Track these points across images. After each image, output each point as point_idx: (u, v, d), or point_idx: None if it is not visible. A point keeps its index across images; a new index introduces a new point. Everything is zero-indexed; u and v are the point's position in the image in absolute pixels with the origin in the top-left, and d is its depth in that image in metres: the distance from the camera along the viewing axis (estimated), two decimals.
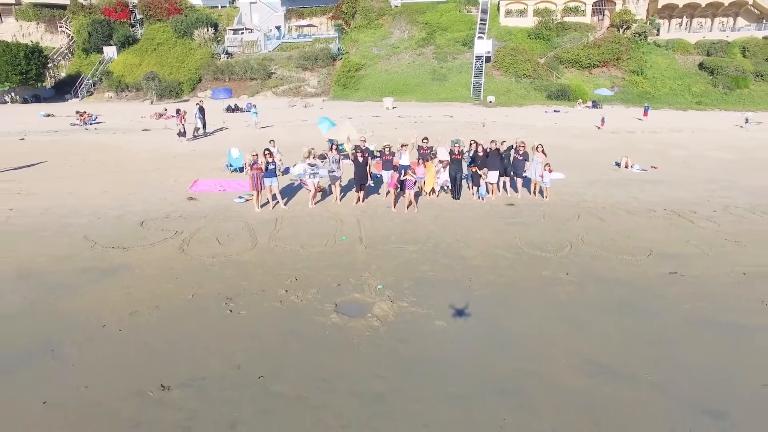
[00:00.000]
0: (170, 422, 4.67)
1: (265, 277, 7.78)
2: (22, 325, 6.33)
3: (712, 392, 5.11)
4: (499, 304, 7.02)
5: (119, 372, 5.43)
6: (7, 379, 5.27)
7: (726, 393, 5.10)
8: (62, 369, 5.45)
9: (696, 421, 4.67)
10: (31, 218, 10.53)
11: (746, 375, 5.41)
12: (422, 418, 4.72)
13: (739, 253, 8.85)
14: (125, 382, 5.25)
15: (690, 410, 4.84)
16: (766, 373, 5.44)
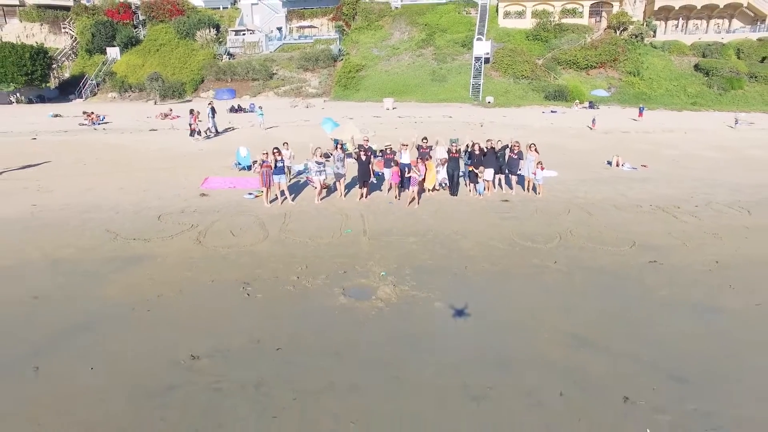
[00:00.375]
0: (202, 384, 5.37)
1: (278, 265, 8.48)
2: (62, 307, 7.03)
3: (678, 362, 5.82)
4: (492, 288, 7.73)
5: (152, 345, 6.12)
6: (58, 349, 5.96)
7: (690, 363, 5.80)
8: (103, 342, 6.15)
9: (660, 384, 5.38)
10: (53, 213, 11.23)
11: (709, 348, 6.12)
12: (422, 382, 5.42)
13: (715, 245, 9.56)
14: (159, 353, 5.94)
15: (656, 375, 5.54)
16: (727, 346, 6.14)
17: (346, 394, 5.22)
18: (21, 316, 6.73)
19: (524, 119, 29.36)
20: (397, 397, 5.19)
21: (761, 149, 20.15)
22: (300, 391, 5.25)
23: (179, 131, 24.28)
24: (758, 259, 8.81)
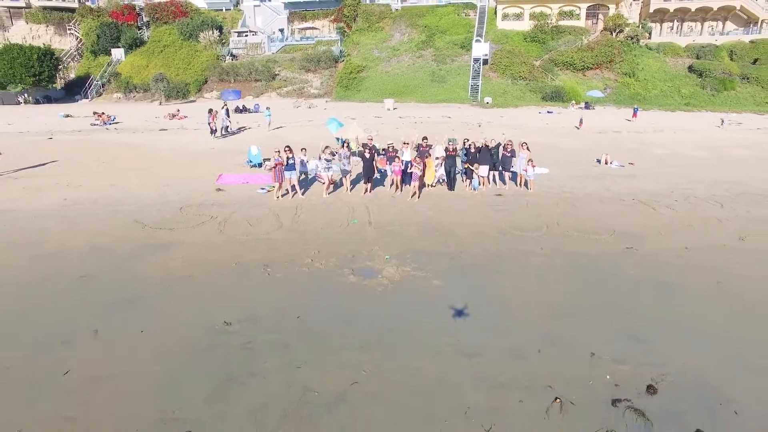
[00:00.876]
0: (236, 344, 6.40)
1: (293, 250, 9.51)
2: (107, 284, 8.06)
3: (640, 326, 6.85)
4: (484, 269, 8.77)
5: (190, 315, 7.15)
6: (111, 317, 7.00)
7: (650, 327, 6.84)
8: (147, 312, 7.19)
9: (621, 342, 6.42)
10: (84, 206, 12.27)
11: (668, 316, 7.15)
12: (421, 343, 6.45)
13: (687, 234, 10.61)
14: (197, 320, 6.98)
15: (619, 336, 6.58)
16: (683, 314, 7.17)
17: (357, 351, 6.25)
18: (74, 291, 7.76)
19: (521, 119, 30.41)
20: (400, 353, 6.22)
21: (744, 149, 21.21)
22: (319, 349, 6.29)
23: (188, 131, 25.32)
24: (723, 246, 9.85)
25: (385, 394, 5.41)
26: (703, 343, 6.44)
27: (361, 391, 5.46)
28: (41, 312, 7.10)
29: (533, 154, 14.50)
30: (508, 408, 5.21)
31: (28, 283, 8.01)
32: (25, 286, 7.91)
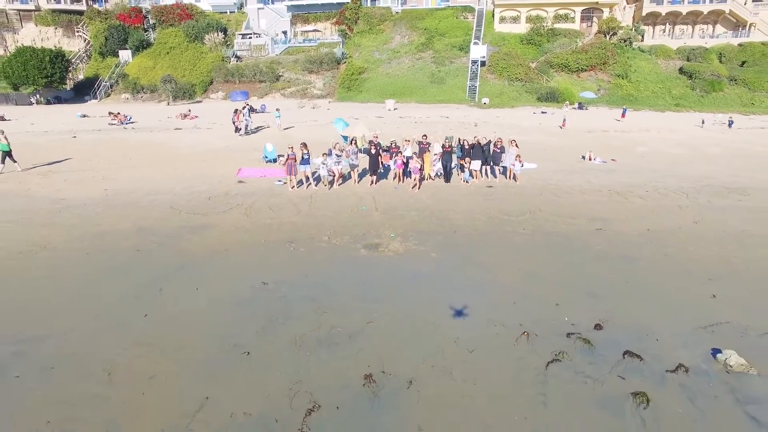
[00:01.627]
0: (273, 298, 8.07)
1: (312, 231, 11.20)
2: (159, 256, 9.74)
3: (597, 286, 8.53)
4: (473, 245, 10.45)
5: (232, 278, 8.82)
6: (169, 279, 8.68)
7: (605, 286, 8.52)
8: (197, 276, 8.86)
9: (581, 298, 8.10)
10: (124, 196, 13.95)
11: (621, 278, 8.83)
12: (420, 299, 8.14)
13: (651, 218, 12.30)
14: (238, 282, 8.65)
15: (579, 293, 8.26)
16: (632, 278, 8.86)
17: (370, 302, 7.92)
18: (134, 261, 9.44)
19: (515, 119, 32.12)
20: (403, 306, 7.89)
21: (719, 147, 22.93)
22: (340, 301, 7.97)
23: (201, 130, 27.01)
24: (678, 227, 11.55)
25: (393, 330, 7.09)
26: (644, 297, 8.13)
27: (374, 327, 7.14)
28: (113, 276, 8.79)
29: (524, 151, 16.21)
30: (487, 338, 6.89)
31: (96, 255, 9.70)
32: (95, 257, 9.60)
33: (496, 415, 5.36)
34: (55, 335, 6.82)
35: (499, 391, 5.74)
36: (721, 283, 8.61)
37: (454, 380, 5.94)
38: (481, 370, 6.12)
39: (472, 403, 5.55)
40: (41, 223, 11.56)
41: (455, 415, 5.35)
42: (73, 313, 7.45)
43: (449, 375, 6.03)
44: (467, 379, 5.95)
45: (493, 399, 5.61)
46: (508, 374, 6.07)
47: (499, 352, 6.58)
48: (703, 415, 5.38)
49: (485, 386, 5.84)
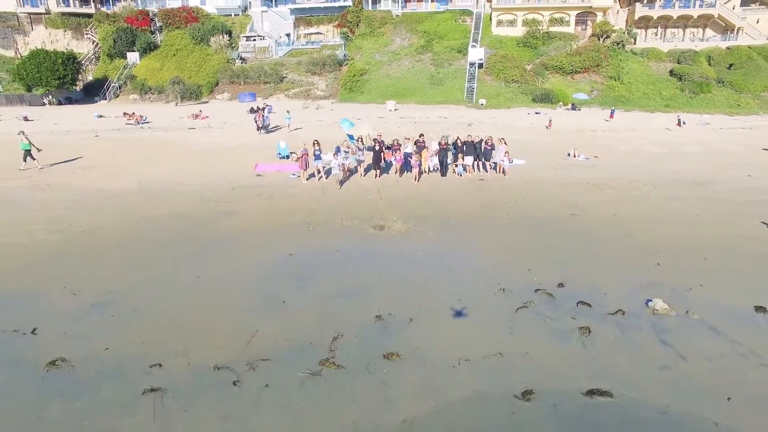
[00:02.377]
0: (299, 264, 9.95)
1: (326, 215, 13.09)
2: (199, 234, 11.62)
3: (565, 258, 10.40)
4: (464, 226, 12.34)
5: (262, 250, 10.69)
6: (210, 250, 10.56)
7: (571, 258, 10.39)
8: (233, 248, 10.75)
9: (550, 266, 9.97)
10: (156, 187, 15.84)
11: (586, 252, 10.71)
12: (419, 264, 10.02)
13: (619, 206, 14.19)
14: (269, 253, 10.52)
15: (550, 262, 10.14)
16: (596, 251, 10.74)
17: (377, 268, 9.79)
18: (177, 239, 11.31)
19: (510, 119, 34.02)
20: (404, 270, 9.76)
21: (696, 145, 24.83)
22: (353, 266, 9.85)
23: (214, 129, 28.90)
24: (642, 213, 13.45)
25: (397, 286, 8.97)
26: (601, 265, 10.02)
27: (382, 284, 9.02)
28: (164, 248, 10.68)
29: (515, 149, 18.11)
30: (471, 292, 8.77)
31: (147, 233, 11.59)
32: (146, 234, 11.49)
33: (475, 339, 7.24)
34: (129, 291, 8.71)
35: (478, 325, 7.63)
36: (666, 255, 10.49)
37: (444, 319, 7.83)
38: (465, 313, 8.02)
39: (457, 332, 7.44)
40: (92, 210, 13.46)
41: (444, 339, 7.23)
42: (140, 275, 9.34)
43: (440, 315, 7.93)
44: (452, 316, 7.85)
45: (473, 330, 7.50)
46: (486, 315, 7.96)
47: (480, 301, 8.47)
48: (629, 340, 7.27)
49: (468, 322, 7.73)
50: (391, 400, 5.88)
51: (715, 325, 7.66)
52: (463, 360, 6.66)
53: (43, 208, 13.60)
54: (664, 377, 6.37)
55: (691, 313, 7.99)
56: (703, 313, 7.99)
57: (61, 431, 5.34)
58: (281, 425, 5.47)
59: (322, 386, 6.12)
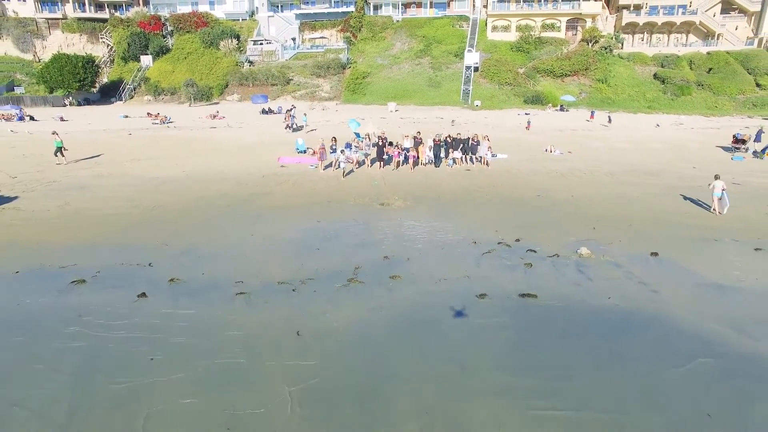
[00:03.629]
0: (325, 229, 13.41)
1: (341, 196, 16.57)
2: (243, 209, 15.09)
3: (526, 223, 13.86)
4: (451, 204, 15.81)
5: (296, 220, 14.16)
6: (253, 222, 14.04)
7: (530, 223, 13.85)
8: (273, 219, 14.22)
9: (515, 228, 13.44)
10: (199, 175, 19.31)
11: (542, 219, 14.18)
12: (416, 232, 13.50)
13: (578, 190, 17.66)
14: (301, 221, 13.99)
15: (511, 225, 13.60)
16: (550, 219, 14.21)
17: (383, 229, 13.27)
18: (229, 212, 14.79)
19: (501, 120, 37.52)
20: (403, 230, 13.22)
21: (662, 143, 28.31)
22: (365, 229, 13.32)
23: (233, 128, 32.38)
24: (592, 195, 16.92)
25: (397, 240, 12.41)
26: (551, 228, 13.48)
27: (387, 239, 12.48)
28: (220, 218, 14.15)
29: (501, 145, 21.58)
30: (451, 244, 12.23)
31: (202, 208, 15.07)
32: (203, 208, 14.97)
33: (451, 269, 10.69)
34: (205, 244, 12.18)
35: (454, 262, 11.10)
36: (602, 223, 13.96)
37: (430, 259, 11.30)
38: (445, 255, 11.50)
39: (439, 265, 10.90)
40: (152, 192, 16.93)
41: (430, 269, 10.68)
42: (209, 234, 12.82)
43: (429, 256, 11.41)
44: (437, 257, 11.34)
45: (451, 264, 10.96)
46: (460, 256, 11.43)
47: (457, 249, 11.94)
48: (557, 271, 10.72)
49: (447, 260, 11.21)
50: (394, 298, 9.35)
51: (619, 263, 11.14)
52: (442, 279, 10.14)
53: (113, 191, 17.08)
54: (574, 289, 9.85)
55: (604, 257, 11.48)
56: (613, 257, 11.47)
57: (189, 317, 8.78)
58: (326, 310, 8.91)
59: (350, 292, 9.59)
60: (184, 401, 6.19)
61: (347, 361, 7.17)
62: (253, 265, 10.76)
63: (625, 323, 8.37)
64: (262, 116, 41.02)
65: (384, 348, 7.52)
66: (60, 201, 15.78)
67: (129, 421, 5.83)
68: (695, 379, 6.73)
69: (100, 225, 13.48)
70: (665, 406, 6.16)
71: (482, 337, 7.84)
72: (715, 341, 7.71)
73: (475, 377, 6.75)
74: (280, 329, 8.01)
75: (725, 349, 7.48)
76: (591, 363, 7.12)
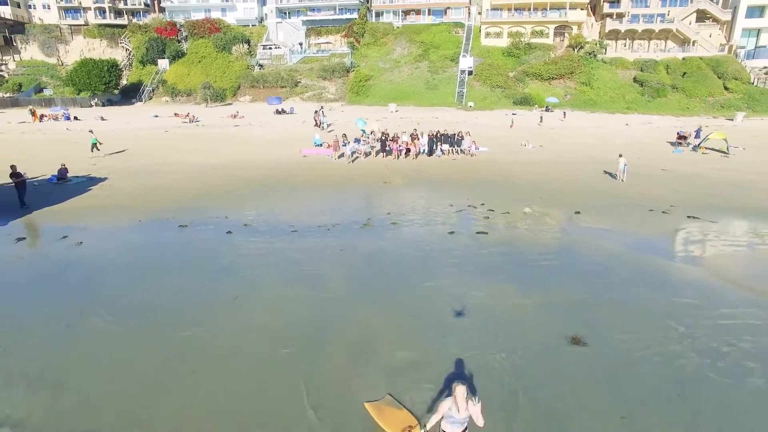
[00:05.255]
0: (344, 197, 18.59)
1: (354, 178, 21.73)
2: (280, 185, 20.24)
3: (490, 194, 19.00)
4: (440, 183, 20.97)
5: (322, 191, 19.31)
6: (294, 192, 19.21)
7: (494, 194, 18.99)
8: (305, 192, 19.39)
9: (480, 197, 18.59)
10: (238, 163, 24.46)
11: (505, 194, 19.32)
12: (413, 199, 18.67)
13: (539, 173, 22.81)
14: (325, 193, 19.14)
15: (480, 196, 18.75)
16: (511, 192, 19.36)
17: (386, 198, 18.42)
18: (271, 187, 19.95)
19: (489, 119, 42.67)
20: (401, 198, 18.36)
21: (624, 139, 33.43)
22: (371, 199, 18.49)
23: (254, 126, 37.57)
24: (549, 177, 22.06)
25: (397, 204, 17.55)
26: (513, 198, 18.62)
27: (389, 203, 17.64)
28: (265, 191, 19.32)
29: (484, 141, 26.68)
30: (435, 207, 17.36)
31: (250, 185, 20.23)
32: (251, 185, 20.12)
33: (434, 220, 15.83)
34: (263, 209, 17.32)
35: (436, 216, 16.24)
36: (549, 194, 19.07)
37: (419, 215, 16.45)
38: (429, 213, 16.64)
39: (425, 217, 16.04)
40: (205, 174, 22.07)
41: (419, 219, 15.82)
42: (262, 202, 17.97)
43: (417, 213, 16.57)
44: (423, 213, 16.51)
45: (433, 217, 16.10)
46: (439, 213, 16.57)
47: (438, 209, 17.08)
48: (507, 221, 15.86)
49: (429, 215, 16.35)
50: (394, 235, 14.48)
51: (551, 217, 16.29)
52: (425, 225, 15.29)
53: (173, 174, 22.21)
54: (514, 230, 14.99)
55: (540, 213, 16.62)
56: (547, 214, 16.61)
57: (263, 243, 13.90)
58: (352, 239, 14.01)
59: (365, 231, 14.74)
60: (267, 287, 11.37)
61: (369, 263, 12.35)
62: (297, 217, 15.93)
63: (545, 248, 13.55)
64: (276, 116, 46.15)
65: (389, 256, 12.70)
66: (137, 181, 20.97)
67: (228, 296, 11.03)
68: (587, 272, 11.91)
69: (178, 195, 18.66)
70: (562, 286, 11.34)
71: (450, 253, 13.00)
72: (604, 257, 12.89)
73: (442, 271, 11.92)
74: (324, 249, 13.17)
75: (615, 261, 12.66)
76: (519, 266, 12.29)
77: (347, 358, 7.97)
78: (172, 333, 8.70)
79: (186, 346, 8.28)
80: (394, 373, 7.56)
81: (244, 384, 7.30)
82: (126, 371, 7.60)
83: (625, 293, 10.38)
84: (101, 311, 9.51)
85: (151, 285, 10.76)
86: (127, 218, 15.80)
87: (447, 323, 9.11)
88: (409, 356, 8.01)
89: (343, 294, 10.34)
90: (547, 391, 7.15)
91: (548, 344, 8.37)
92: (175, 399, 6.98)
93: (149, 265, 11.89)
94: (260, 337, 8.58)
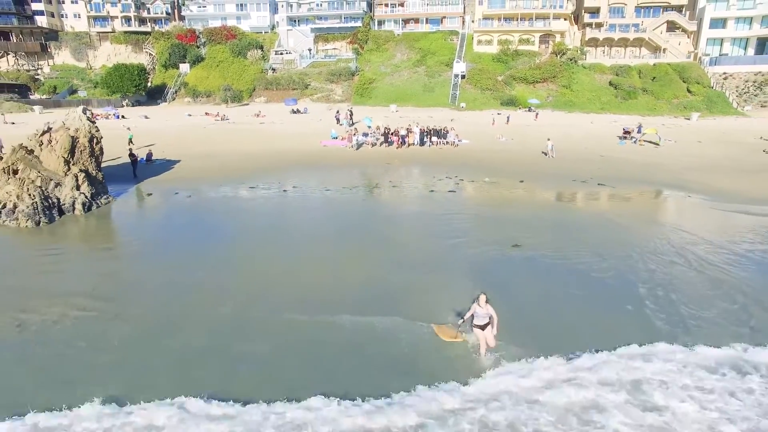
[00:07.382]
0: (358, 172, 26.37)
1: (363, 161, 29.54)
2: (313, 166, 28.04)
3: (469, 172, 26.75)
4: (430, 165, 28.75)
5: (343, 169, 27.08)
6: (310, 171, 26.98)
7: (472, 171, 26.72)
8: (330, 169, 27.16)
9: (461, 174, 26.34)
10: (272, 150, 32.23)
11: (481, 171, 27.06)
12: (409, 177, 26.43)
13: (505, 159, 30.55)
14: (346, 170, 26.91)
15: (461, 173, 26.50)
16: (489, 172, 27.11)
17: (388, 176, 26.17)
18: (307, 167, 27.74)
19: (476, 118, 50.51)
20: (399, 173, 26.10)
21: (585, 134, 41.14)
22: (378, 176, 26.26)
23: (276, 123, 45.42)
24: (512, 161, 29.81)
25: (396, 177, 25.29)
26: (479, 173, 26.37)
27: (391, 175, 25.42)
28: (303, 169, 27.07)
29: (467, 134, 34.44)
30: (423, 179, 25.13)
31: (290, 165, 27.99)
32: (289, 168, 27.91)
33: (421, 185, 23.59)
34: (303, 181, 25.09)
35: (425, 184, 24.03)
36: (507, 171, 26.80)
37: (412, 183, 24.26)
38: (418, 181, 24.41)
39: (414, 183, 23.80)
40: (252, 158, 29.81)
41: (410, 184, 23.57)
42: (302, 177, 25.74)
43: (410, 180, 24.40)
44: (415, 181, 24.29)
45: (419, 183, 23.85)
46: (425, 181, 24.34)
47: (425, 179, 24.85)
48: (470, 186, 23.61)
49: (418, 182, 24.12)
50: (394, 192, 22.25)
51: (501, 184, 24.03)
52: (414, 188, 23.07)
53: (227, 158, 29.94)
54: (476, 191, 22.75)
55: (496, 181, 24.34)
56: (500, 182, 24.34)
57: (310, 195, 21.62)
58: (367, 194, 21.72)
59: (375, 191, 22.56)
60: (320, 215, 19.21)
61: (380, 205, 20.14)
62: (328, 184, 23.70)
63: (494, 201, 21.34)
64: (293, 115, 53.86)
65: (393, 201, 20.49)
66: (202, 162, 28.72)
67: (299, 226, 18.89)
68: (530, 220, 19.72)
69: (239, 172, 26.43)
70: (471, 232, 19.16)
71: (427, 205, 20.74)
72: (534, 204, 20.66)
73: (424, 208, 19.69)
74: (350, 198, 20.92)
75: (541, 206, 20.45)
76: (476, 207, 20.07)
77: (376, 246, 15.74)
78: (271, 243, 16.48)
79: (282, 247, 16.07)
80: (407, 265, 15.31)
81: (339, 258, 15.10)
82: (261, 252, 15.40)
83: (543, 220, 18.15)
84: (227, 229, 17.31)
85: (245, 220, 18.53)
86: (209, 184, 23.58)
87: (432, 232, 16.88)
88: (414, 252, 15.74)
89: (366, 218, 18.12)
90: (500, 272, 14.91)
91: (500, 246, 16.13)
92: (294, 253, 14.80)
93: (242, 206, 19.68)
94: (328, 236, 16.35)
